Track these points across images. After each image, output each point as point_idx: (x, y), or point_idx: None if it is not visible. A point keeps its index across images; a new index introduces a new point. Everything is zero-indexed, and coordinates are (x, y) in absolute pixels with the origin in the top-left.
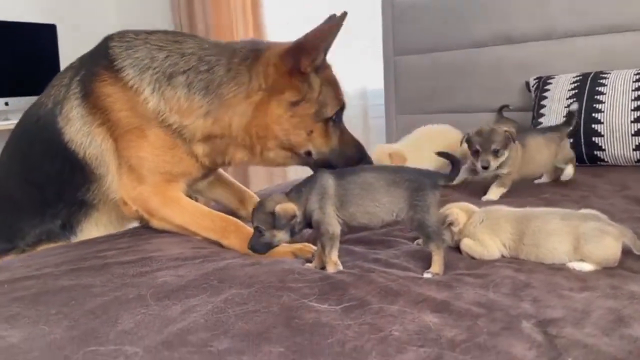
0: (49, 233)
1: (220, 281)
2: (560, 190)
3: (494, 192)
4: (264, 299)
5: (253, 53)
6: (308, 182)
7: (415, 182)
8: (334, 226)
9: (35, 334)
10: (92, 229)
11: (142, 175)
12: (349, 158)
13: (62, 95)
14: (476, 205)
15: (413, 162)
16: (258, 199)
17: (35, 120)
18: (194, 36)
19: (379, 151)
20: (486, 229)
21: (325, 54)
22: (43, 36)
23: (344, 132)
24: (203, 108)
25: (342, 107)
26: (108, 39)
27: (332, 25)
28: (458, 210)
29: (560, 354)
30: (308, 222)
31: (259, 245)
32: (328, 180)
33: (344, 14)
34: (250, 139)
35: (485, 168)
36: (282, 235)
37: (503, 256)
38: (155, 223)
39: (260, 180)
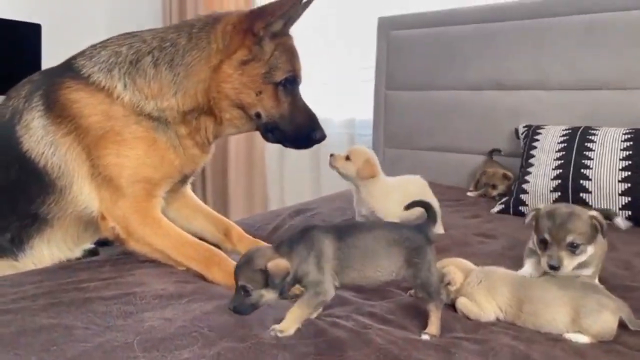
0: None
1: (210, 329)
2: None
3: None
4: (259, 357)
5: (212, 19)
6: (301, 239)
7: (413, 240)
8: (330, 290)
9: None
10: (43, 246)
11: (121, 187)
12: (299, 125)
13: (21, 107)
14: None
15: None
16: (242, 232)
17: None
18: (152, 28)
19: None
20: (483, 290)
21: (285, 24)
22: (27, 35)
23: (296, 100)
24: (172, 83)
25: (294, 76)
26: (71, 58)
27: None
28: (455, 269)
29: None
30: (297, 280)
31: (244, 307)
32: (325, 242)
33: None
34: (209, 103)
35: (554, 269)
36: (271, 295)
37: (498, 319)
38: (132, 244)
39: (240, 210)
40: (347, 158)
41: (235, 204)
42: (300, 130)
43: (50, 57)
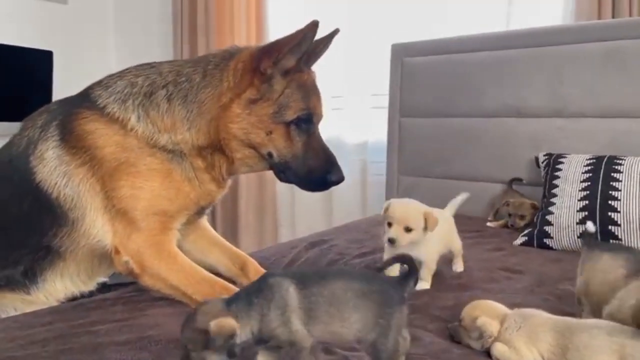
0: (8, 279)
1: None
2: None
3: None
4: None
5: (229, 54)
6: (260, 290)
7: (384, 295)
8: (307, 340)
9: None
10: (56, 279)
11: (135, 220)
12: (313, 167)
13: (37, 136)
14: None
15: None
16: (259, 266)
17: (8, 161)
18: (169, 60)
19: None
20: (524, 337)
21: (299, 59)
22: (39, 62)
23: (312, 140)
24: (185, 119)
25: (309, 114)
26: (88, 87)
27: (299, 31)
28: (490, 321)
29: None
30: (262, 340)
31: None
32: (288, 290)
33: (336, 31)
34: (220, 142)
35: None
36: (214, 358)
37: None
38: (145, 279)
39: (250, 240)
40: (408, 230)
41: (246, 232)
42: (313, 172)
43: (62, 84)
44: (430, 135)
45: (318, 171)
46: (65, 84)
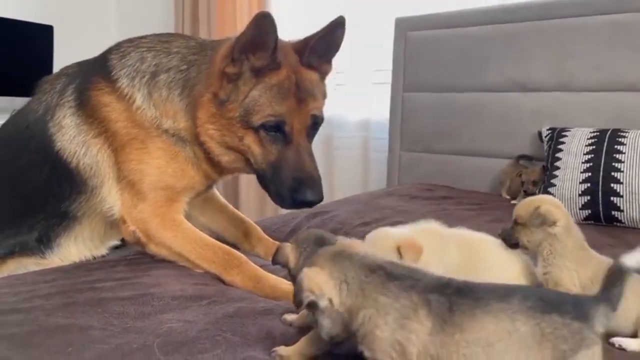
0: (22, 245)
1: (234, 333)
2: None
3: None
4: None
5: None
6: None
7: None
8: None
9: None
10: (70, 243)
11: (142, 191)
12: (282, 181)
13: (54, 102)
14: None
15: None
16: (262, 234)
17: (25, 127)
18: (184, 36)
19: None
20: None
21: (269, 56)
22: (39, 37)
23: (288, 151)
24: (184, 111)
25: (278, 122)
26: (108, 51)
27: (247, 26)
28: (552, 208)
29: None
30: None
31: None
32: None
33: (339, 18)
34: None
35: None
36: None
37: None
38: (152, 247)
39: (251, 211)
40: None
41: (246, 209)
42: (283, 187)
43: (62, 58)
44: (433, 110)
45: (287, 187)
46: (66, 59)
